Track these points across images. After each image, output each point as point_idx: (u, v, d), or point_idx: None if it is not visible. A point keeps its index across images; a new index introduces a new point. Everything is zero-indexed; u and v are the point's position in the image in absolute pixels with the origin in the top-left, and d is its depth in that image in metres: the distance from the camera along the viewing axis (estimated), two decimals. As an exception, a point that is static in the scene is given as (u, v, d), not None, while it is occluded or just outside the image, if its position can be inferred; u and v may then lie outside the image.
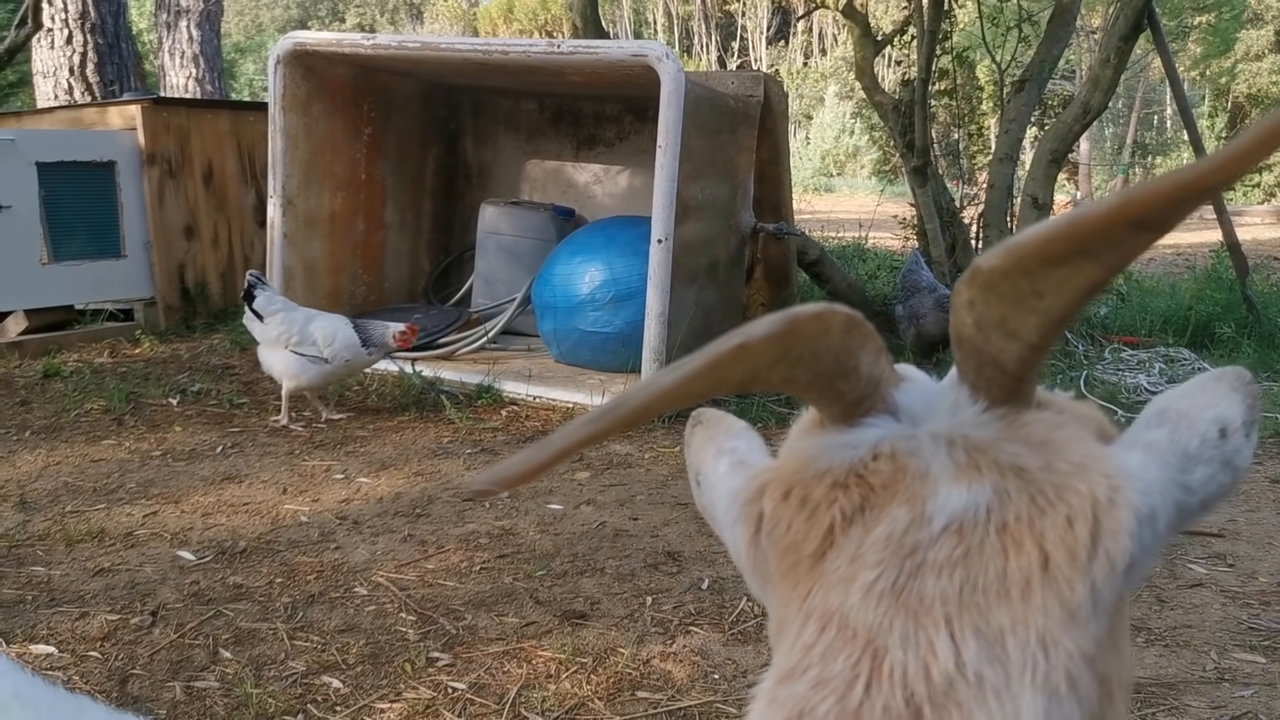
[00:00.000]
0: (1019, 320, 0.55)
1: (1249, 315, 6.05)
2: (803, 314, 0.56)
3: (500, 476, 0.54)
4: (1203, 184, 0.47)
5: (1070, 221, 0.50)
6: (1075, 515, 0.56)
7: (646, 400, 0.54)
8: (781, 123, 5.89)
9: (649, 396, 0.54)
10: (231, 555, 3.11)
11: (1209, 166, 0.46)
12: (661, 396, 0.55)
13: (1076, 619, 0.55)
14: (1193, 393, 0.65)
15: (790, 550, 0.61)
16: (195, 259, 6.40)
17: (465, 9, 51.73)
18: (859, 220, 11.27)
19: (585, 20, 7.05)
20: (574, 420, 0.55)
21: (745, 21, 42.10)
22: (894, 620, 0.55)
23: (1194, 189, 0.47)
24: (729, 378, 0.57)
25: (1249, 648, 2.52)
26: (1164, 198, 0.47)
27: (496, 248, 5.94)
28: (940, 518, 0.57)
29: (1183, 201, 0.48)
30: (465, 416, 4.56)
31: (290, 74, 5.28)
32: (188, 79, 11.55)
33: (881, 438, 0.61)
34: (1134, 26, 5.77)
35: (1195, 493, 0.61)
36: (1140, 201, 0.48)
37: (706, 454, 0.76)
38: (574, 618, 2.73)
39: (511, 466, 0.54)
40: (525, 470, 0.54)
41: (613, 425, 0.54)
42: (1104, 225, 0.49)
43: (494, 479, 0.54)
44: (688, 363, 0.54)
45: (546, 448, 0.54)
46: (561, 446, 0.54)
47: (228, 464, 3.97)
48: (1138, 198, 0.48)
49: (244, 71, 32.72)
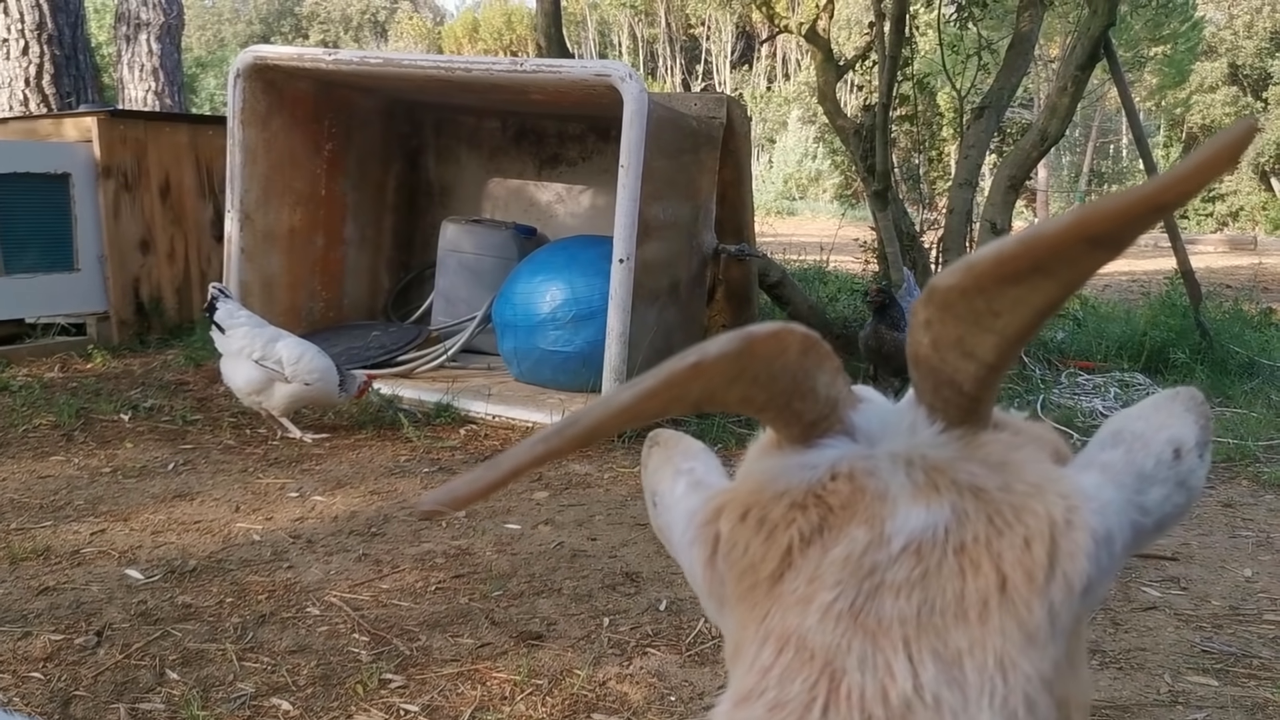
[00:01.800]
0: (976, 340, 0.55)
1: (1202, 341, 6.15)
2: (759, 333, 0.56)
3: (451, 496, 0.53)
4: (1156, 201, 0.47)
5: (1026, 239, 0.49)
6: (1033, 537, 0.56)
7: (600, 419, 0.54)
8: (744, 145, 5.92)
9: (603, 415, 0.54)
10: (181, 574, 3.05)
11: (1162, 184, 0.46)
12: (616, 415, 0.54)
13: (1034, 641, 0.54)
14: (1147, 414, 0.65)
15: (748, 572, 0.61)
16: (150, 273, 6.32)
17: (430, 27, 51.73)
18: (820, 243, 11.34)
19: (549, 40, 7.06)
20: (526, 439, 0.54)
21: (709, 45, 42.41)
22: (852, 642, 0.54)
23: (1148, 206, 0.47)
24: (685, 396, 0.56)
25: (1202, 670, 2.55)
26: (1119, 215, 0.47)
27: (457, 265, 5.91)
28: (899, 538, 0.56)
29: (1137, 218, 0.47)
30: (423, 435, 4.52)
31: (250, 88, 5.24)
32: (147, 92, 11.43)
33: (840, 458, 0.61)
34: (1090, 56, 5.86)
35: (1151, 513, 0.60)
36: (1095, 219, 0.48)
37: (663, 475, 0.76)
38: (530, 639, 2.71)
39: (462, 486, 0.53)
40: (476, 490, 0.53)
41: (566, 444, 0.54)
42: (1060, 242, 0.49)
43: (445, 498, 0.53)
44: (642, 381, 0.53)
45: (497, 467, 0.53)
46: (513, 466, 0.53)
47: (179, 481, 3.91)
48: (1093, 215, 0.48)
49: (205, 86, 32.51)
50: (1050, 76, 23.10)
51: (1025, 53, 7.01)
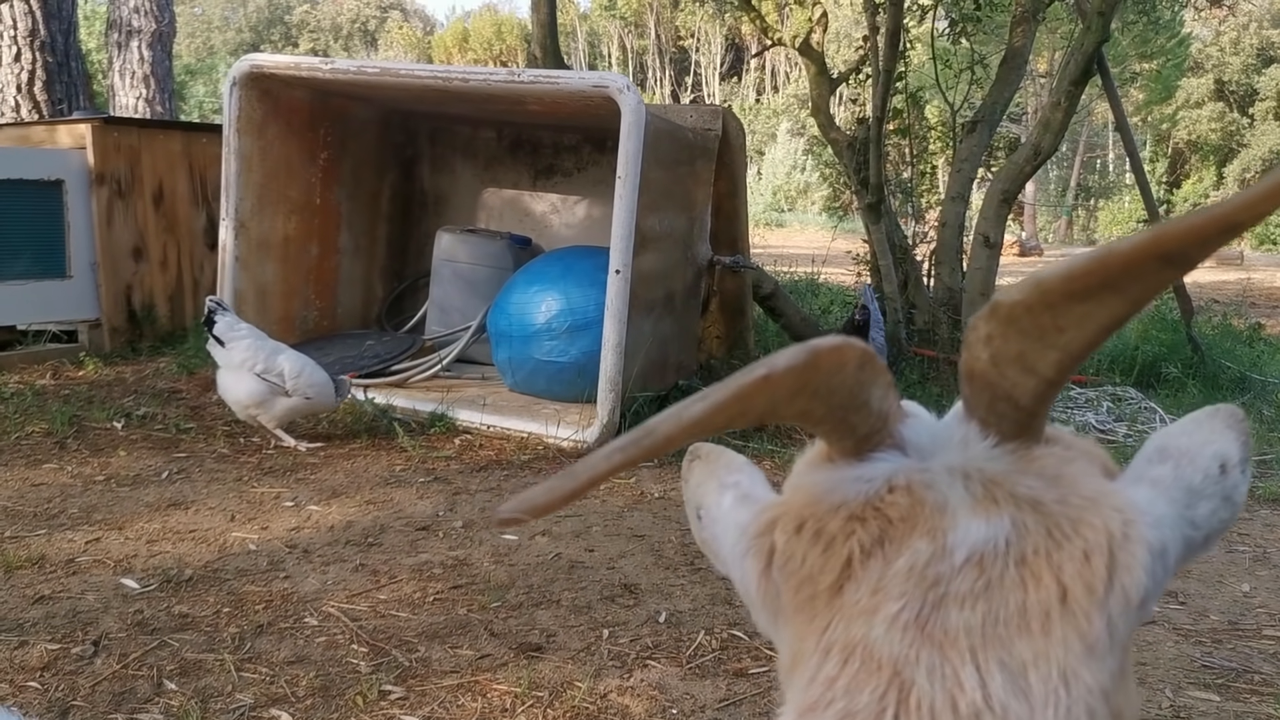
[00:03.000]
0: (1037, 355, 0.56)
1: (1194, 356, 6.19)
2: (824, 346, 0.56)
3: (530, 504, 0.54)
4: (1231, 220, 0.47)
5: (1099, 257, 0.50)
6: (1091, 549, 0.56)
7: (673, 430, 0.54)
8: (739, 157, 5.94)
9: (675, 427, 0.54)
10: (177, 584, 3.04)
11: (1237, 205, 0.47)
12: (688, 426, 0.54)
13: (1095, 653, 0.55)
14: (1190, 430, 0.66)
15: (806, 583, 0.61)
16: (143, 281, 6.29)
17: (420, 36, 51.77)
18: (810, 255, 11.38)
19: (545, 51, 7.08)
20: (600, 449, 0.54)
21: (699, 57, 42.57)
22: (920, 652, 0.55)
23: (1222, 225, 0.48)
24: (751, 409, 0.57)
25: (1203, 686, 2.56)
26: (1193, 234, 0.48)
27: (452, 275, 5.91)
28: (961, 550, 0.57)
29: (1211, 237, 0.48)
30: (418, 444, 4.51)
31: (246, 96, 5.23)
32: (138, 99, 11.40)
33: (895, 471, 0.62)
34: (1084, 72, 5.90)
35: (1200, 527, 0.61)
36: (1170, 237, 0.48)
37: (708, 488, 0.76)
38: (530, 650, 2.70)
39: (540, 495, 0.54)
40: (555, 499, 0.54)
41: (639, 454, 0.54)
42: (1133, 260, 0.50)
43: (523, 507, 0.54)
44: (712, 394, 0.54)
45: (574, 476, 0.53)
46: (589, 475, 0.54)
47: (174, 490, 3.89)
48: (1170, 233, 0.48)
49: (194, 93, 32.46)
50: (1039, 91, 23.26)
51: (1018, 68, 7.06)
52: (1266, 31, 30.60)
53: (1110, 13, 5.74)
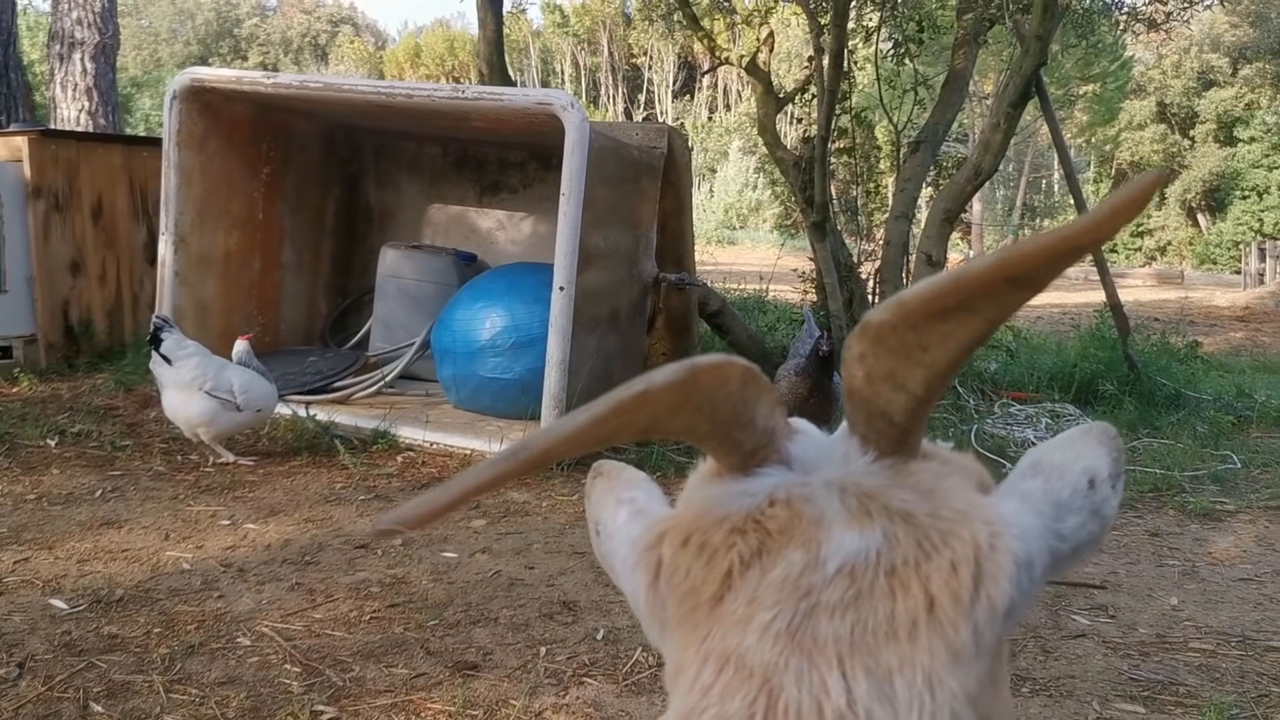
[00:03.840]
0: (906, 373, 0.58)
1: (1130, 373, 6.30)
2: (703, 364, 0.58)
3: (404, 517, 0.55)
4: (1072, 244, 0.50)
5: (951, 279, 0.52)
6: (959, 560, 0.58)
7: (550, 445, 0.55)
8: (685, 174, 5.98)
9: (552, 441, 0.55)
10: (107, 604, 2.99)
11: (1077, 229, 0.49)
12: (565, 441, 0.56)
13: (960, 660, 0.57)
14: (1064, 446, 0.68)
15: (689, 595, 0.62)
16: (81, 296, 6.20)
17: (372, 51, 51.53)
18: (760, 273, 11.46)
19: (491, 67, 7.09)
20: (479, 463, 0.55)
21: (652, 74, 42.76)
22: (789, 659, 0.56)
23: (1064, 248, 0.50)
24: (632, 424, 0.58)
25: (1129, 698, 2.60)
26: (1037, 257, 0.50)
27: (396, 291, 5.88)
28: (834, 561, 0.59)
29: (1054, 260, 0.50)
30: (359, 462, 4.48)
31: (187, 110, 5.19)
32: (80, 112, 11.24)
33: (777, 485, 0.63)
34: (1022, 94, 6.01)
35: (1067, 540, 0.64)
36: (1015, 260, 0.50)
37: (606, 504, 0.78)
38: (465, 669, 2.69)
39: (416, 508, 0.55)
40: (429, 511, 0.55)
41: (516, 468, 0.55)
42: (983, 282, 0.52)
43: (398, 519, 0.55)
44: (591, 408, 0.55)
45: (452, 489, 0.55)
46: (466, 488, 0.55)
47: (107, 508, 3.83)
48: (1013, 257, 0.51)
49: (140, 106, 32.05)
50: (984, 112, 23.64)
51: (960, 89, 7.19)
52: (1207, 55, 31.31)
53: (1048, 37, 5.85)
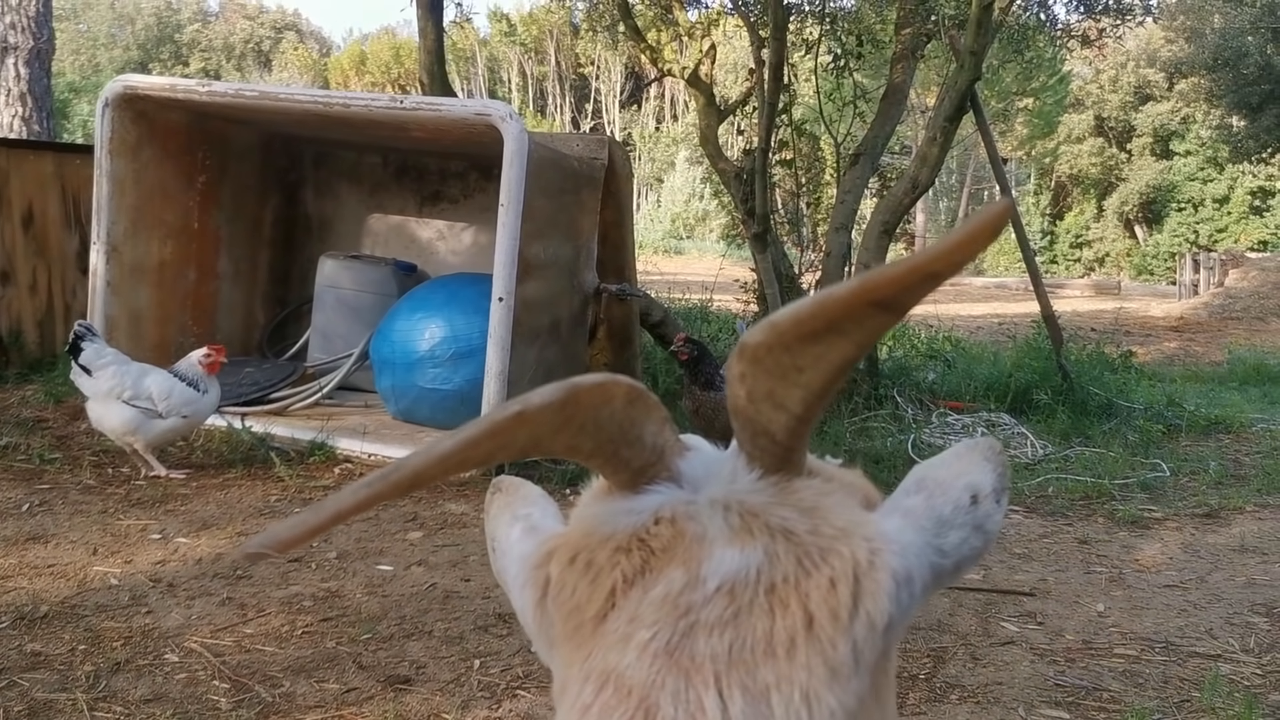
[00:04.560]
0: (785, 393, 0.58)
1: (1064, 383, 6.41)
2: (584, 384, 0.58)
3: (275, 539, 0.54)
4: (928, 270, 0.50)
5: (818, 301, 0.53)
6: (838, 577, 0.59)
7: (424, 465, 0.55)
8: (625, 186, 5.99)
9: (426, 462, 0.55)
10: (31, 621, 2.92)
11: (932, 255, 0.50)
12: (439, 462, 0.55)
13: (839, 676, 0.57)
14: (948, 462, 0.69)
15: (574, 613, 0.63)
16: (10, 306, 6.07)
17: (316, 59, 51.03)
18: (705, 283, 11.48)
19: (432, 77, 7.06)
20: (351, 484, 0.55)
21: (599, 84, 42.80)
22: (666, 678, 0.56)
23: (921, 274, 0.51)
24: (510, 444, 0.58)
25: (1054, 704, 2.64)
26: (898, 281, 0.51)
27: (335, 301, 5.83)
28: (714, 579, 0.59)
29: (914, 285, 0.51)
30: (296, 474, 4.43)
31: (119, 118, 5.11)
32: (13, 118, 11.01)
33: (663, 503, 0.63)
34: (958, 109, 6.11)
35: (949, 555, 0.64)
36: (876, 284, 0.51)
37: (502, 520, 0.77)
38: (398, 683, 2.67)
39: (285, 529, 0.54)
40: (300, 533, 0.54)
41: (389, 489, 0.55)
42: (847, 305, 0.52)
43: (266, 542, 0.54)
44: (466, 430, 0.55)
45: (321, 511, 0.54)
46: (336, 510, 0.54)
47: (34, 523, 3.75)
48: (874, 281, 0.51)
49: (78, 112, 31.49)
50: (925, 124, 23.96)
51: (899, 102, 7.28)
52: (1144, 70, 31.94)
53: (982, 53, 5.95)
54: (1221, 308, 15.61)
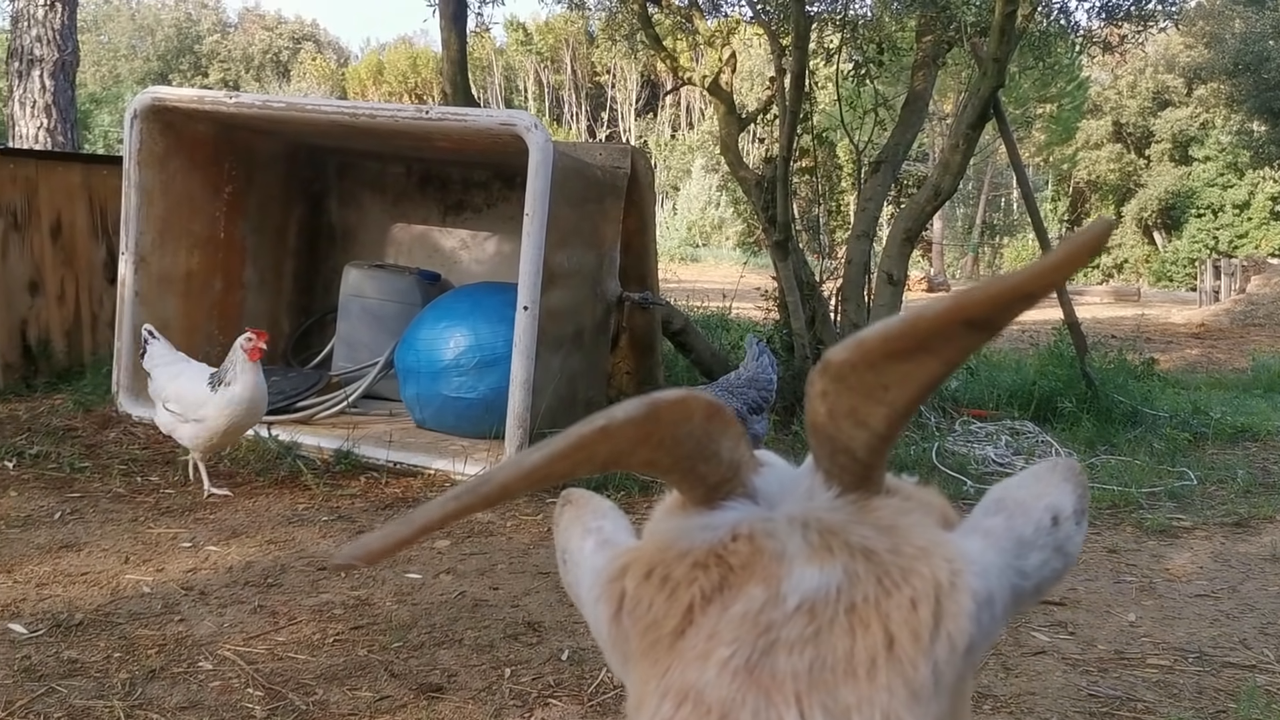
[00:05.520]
0: (868, 411, 0.58)
1: (1088, 391, 6.38)
2: (665, 399, 0.58)
3: (365, 550, 0.55)
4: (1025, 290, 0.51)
5: (909, 320, 0.53)
6: (919, 598, 0.59)
7: (510, 479, 0.55)
8: (648, 194, 6.00)
9: (513, 475, 0.56)
10: (67, 628, 2.95)
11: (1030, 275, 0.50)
12: (525, 476, 0.56)
13: (919, 698, 0.57)
14: (1028, 482, 0.69)
15: (651, 628, 0.63)
16: (39, 315, 6.12)
17: (334, 68, 51.32)
18: (723, 290, 11.49)
19: (455, 87, 7.09)
20: (438, 497, 0.55)
21: (615, 93, 42.89)
22: (746, 696, 0.56)
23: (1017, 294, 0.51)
24: (592, 459, 0.58)
25: (1088, 714, 2.63)
26: (994, 301, 0.51)
27: (360, 311, 5.85)
28: (794, 597, 0.59)
29: (1008, 304, 0.51)
30: (322, 483, 4.45)
31: (148, 129, 5.15)
32: (39, 129, 11.09)
33: (740, 520, 0.64)
34: (980, 116, 6.09)
35: (1030, 577, 0.64)
36: (971, 303, 0.51)
37: (573, 533, 0.78)
38: (430, 691, 2.67)
39: (375, 540, 0.55)
40: (389, 544, 0.55)
41: (476, 502, 0.55)
42: (940, 324, 0.53)
43: (358, 553, 0.55)
44: (551, 443, 0.56)
45: (410, 523, 0.55)
46: (424, 522, 0.55)
47: (66, 531, 3.78)
48: (969, 300, 0.51)
49: (99, 123, 31.76)
50: (945, 132, 23.89)
51: (919, 110, 7.27)
52: (1162, 76, 31.81)
53: (1005, 60, 5.94)
54: (1244, 314, 15.52)
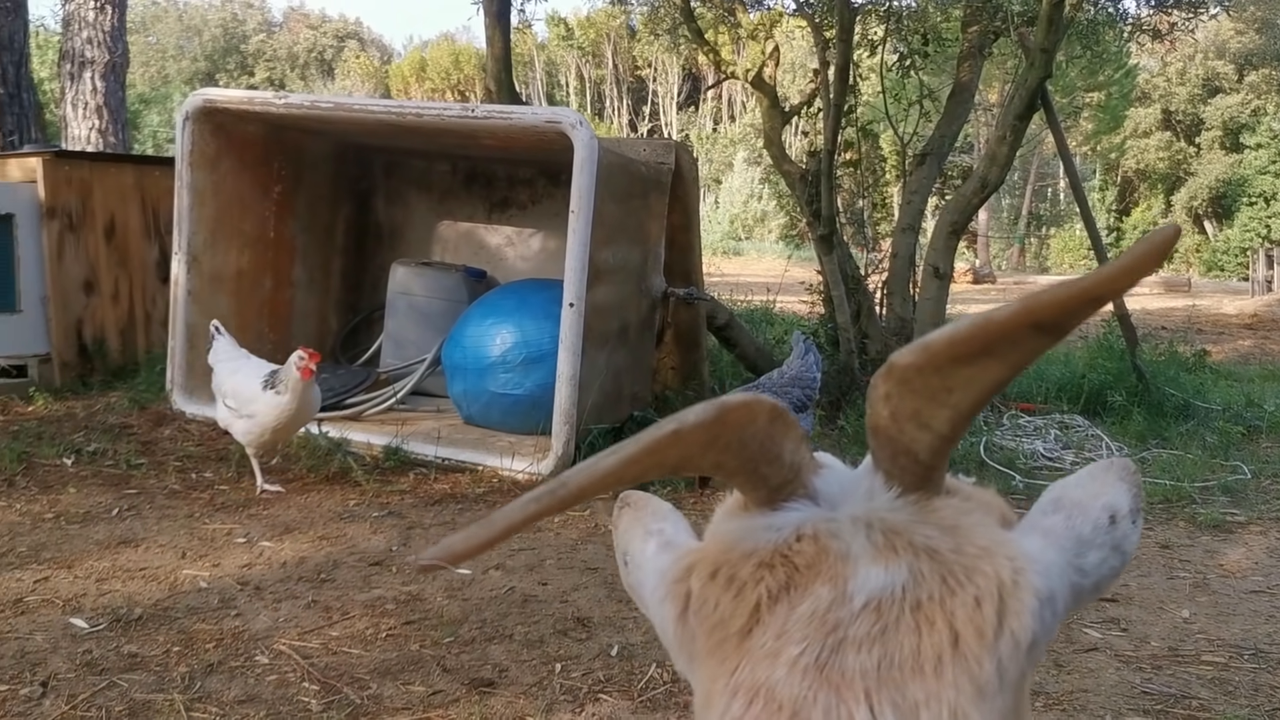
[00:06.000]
0: (931, 413, 0.60)
1: (1139, 384, 6.30)
2: (732, 402, 0.60)
3: (448, 551, 0.57)
4: (1094, 294, 0.51)
5: (977, 324, 0.54)
6: (983, 596, 0.60)
7: (585, 483, 0.57)
8: (692, 190, 6.00)
9: (587, 480, 0.57)
10: (126, 623, 3.01)
11: (1099, 280, 0.51)
12: (600, 479, 0.58)
13: (984, 694, 0.58)
14: (1084, 482, 0.70)
15: (718, 627, 0.64)
16: (94, 315, 6.24)
17: (377, 66, 51.70)
18: (766, 284, 11.46)
19: (499, 84, 7.13)
20: (517, 499, 0.57)
21: (656, 87, 42.85)
22: (818, 693, 0.58)
23: (1086, 298, 0.52)
24: (664, 462, 0.60)
25: (1142, 712, 2.61)
26: (1062, 305, 0.52)
27: (407, 308, 5.91)
28: (860, 596, 0.60)
29: (1077, 309, 0.52)
30: (372, 479, 4.50)
31: (199, 130, 5.23)
32: (90, 130, 11.30)
33: (804, 520, 0.65)
34: (1028, 107, 6.03)
35: (1088, 575, 0.65)
36: (1041, 307, 0.52)
37: (634, 535, 0.79)
38: (482, 686, 2.70)
39: (458, 542, 0.57)
40: (470, 546, 0.57)
41: (554, 504, 0.57)
42: (1008, 329, 0.54)
43: (441, 553, 0.57)
44: (624, 448, 0.57)
45: (491, 525, 0.57)
46: (506, 524, 0.57)
47: (124, 527, 3.86)
48: (1039, 304, 0.52)
49: (148, 122, 32.19)
50: (989, 121, 23.66)
51: (965, 101, 7.21)
52: (1212, 62, 31.29)
53: (1053, 50, 5.87)
54: (1298, 304, 15.22)
